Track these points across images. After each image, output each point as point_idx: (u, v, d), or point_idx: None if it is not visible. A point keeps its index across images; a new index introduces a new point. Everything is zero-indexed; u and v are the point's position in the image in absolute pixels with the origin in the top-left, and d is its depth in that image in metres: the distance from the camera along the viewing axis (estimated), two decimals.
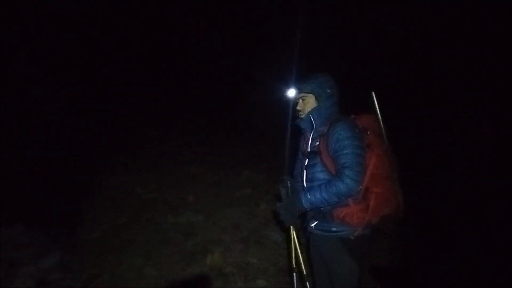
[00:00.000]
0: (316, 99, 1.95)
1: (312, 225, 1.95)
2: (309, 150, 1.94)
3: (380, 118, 1.88)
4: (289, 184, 1.93)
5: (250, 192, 4.76)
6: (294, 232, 2.03)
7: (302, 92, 1.97)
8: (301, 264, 2.02)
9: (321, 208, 1.84)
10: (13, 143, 5.39)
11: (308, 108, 1.96)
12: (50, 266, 3.08)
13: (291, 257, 2.07)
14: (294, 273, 2.07)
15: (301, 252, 2.04)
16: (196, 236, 3.64)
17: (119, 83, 8.12)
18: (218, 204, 4.38)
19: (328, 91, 1.92)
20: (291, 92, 2.04)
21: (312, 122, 1.93)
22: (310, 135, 1.96)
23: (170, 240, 3.56)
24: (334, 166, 1.79)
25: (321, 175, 1.84)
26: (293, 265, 2.07)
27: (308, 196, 1.79)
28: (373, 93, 1.89)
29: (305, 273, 2.00)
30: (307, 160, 1.93)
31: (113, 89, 7.86)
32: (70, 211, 4.02)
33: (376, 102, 1.88)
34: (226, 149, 6.60)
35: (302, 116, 1.98)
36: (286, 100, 2.08)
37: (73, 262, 3.15)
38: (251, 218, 4.05)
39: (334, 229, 1.84)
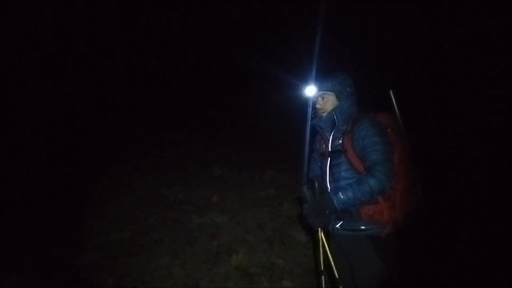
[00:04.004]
0: (336, 97, 1.93)
1: (337, 225, 1.89)
2: (330, 150, 1.90)
3: (399, 116, 1.86)
4: (316, 185, 1.87)
5: (274, 192, 4.75)
6: (322, 234, 1.96)
7: (322, 90, 1.95)
8: (332, 267, 1.95)
9: (348, 208, 1.79)
10: (40, 145, 5.66)
11: (328, 107, 1.95)
12: (83, 264, 3.22)
13: (319, 260, 1.99)
14: (323, 276, 2.00)
15: (331, 255, 1.97)
16: (221, 236, 3.68)
17: (140, 84, 8.33)
18: (242, 204, 4.40)
19: (348, 89, 1.92)
20: (310, 90, 2.00)
21: (334, 120, 1.90)
22: (330, 135, 1.92)
23: (195, 240, 3.62)
24: (362, 163, 1.75)
25: (347, 174, 1.80)
26: (321, 268, 1.99)
27: (341, 196, 1.73)
28: (391, 91, 1.88)
29: (337, 276, 1.93)
30: (329, 160, 1.90)
31: (135, 91, 8.08)
32: (100, 212, 4.19)
33: (394, 100, 1.86)
34: (249, 149, 6.62)
35: (323, 115, 1.96)
36: (305, 99, 2.05)
37: (105, 261, 3.28)
38: (275, 218, 4.04)
39: (362, 227, 1.79)
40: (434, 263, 2.96)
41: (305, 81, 2.03)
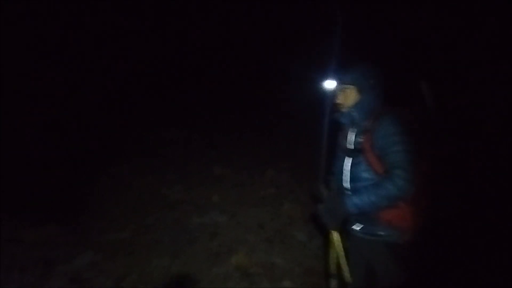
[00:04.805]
0: (358, 91, 1.76)
1: (357, 228, 1.79)
2: (350, 148, 1.76)
3: (431, 109, 1.72)
4: (333, 185, 1.79)
5: (274, 192, 4.74)
6: (337, 236, 1.86)
7: (343, 84, 1.77)
8: (343, 270, 1.87)
9: (365, 211, 1.67)
10: (40, 145, 5.65)
11: (349, 101, 1.77)
12: (83, 264, 3.20)
13: (331, 262, 1.91)
14: (333, 279, 1.91)
15: (344, 258, 1.88)
16: (221, 236, 3.67)
17: (141, 84, 8.32)
18: (243, 204, 4.39)
19: (371, 81, 1.74)
20: (330, 84, 1.82)
21: (353, 117, 1.76)
22: (351, 131, 1.79)
23: (196, 240, 3.61)
24: (381, 164, 1.62)
25: (366, 175, 1.68)
26: (332, 271, 1.91)
27: (355, 199, 1.61)
28: (422, 82, 1.74)
29: (347, 280, 1.85)
30: (349, 158, 1.77)
31: (135, 91, 8.07)
32: (100, 212, 4.18)
33: (426, 93, 1.73)
34: (249, 149, 6.62)
35: (343, 110, 1.80)
36: (324, 92, 1.86)
37: (104, 261, 3.26)
38: (276, 218, 4.03)
39: (381, 233, 1.68)
40: (457, 273, 2.89)
41: (321, 75, 1.85)
